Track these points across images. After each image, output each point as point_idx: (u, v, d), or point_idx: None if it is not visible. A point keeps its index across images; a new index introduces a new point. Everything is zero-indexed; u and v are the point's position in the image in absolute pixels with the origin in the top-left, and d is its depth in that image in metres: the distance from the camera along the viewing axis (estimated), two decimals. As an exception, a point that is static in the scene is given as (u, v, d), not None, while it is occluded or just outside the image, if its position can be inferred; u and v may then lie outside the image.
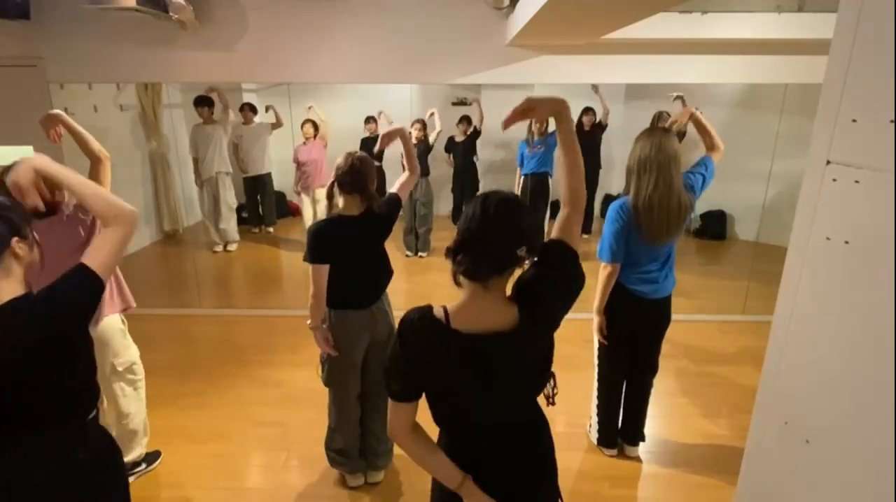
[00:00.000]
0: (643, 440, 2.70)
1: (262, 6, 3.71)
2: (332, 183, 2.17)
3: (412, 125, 5.57)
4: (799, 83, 3.96)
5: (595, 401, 2.70)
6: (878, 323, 0.93)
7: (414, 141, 5.49)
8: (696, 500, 2.45)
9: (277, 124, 5.90)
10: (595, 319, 2.45)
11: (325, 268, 2.12)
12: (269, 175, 6.33)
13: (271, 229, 6.60)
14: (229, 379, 3.40)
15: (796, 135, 4.85)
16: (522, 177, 5.46)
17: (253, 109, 6.05)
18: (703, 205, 6.46)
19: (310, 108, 5.85)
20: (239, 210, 6.73)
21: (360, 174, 2.12)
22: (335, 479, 2.52)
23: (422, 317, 1.18)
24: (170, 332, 4.13)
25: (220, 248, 5.91)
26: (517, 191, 5.50)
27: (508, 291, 1.22)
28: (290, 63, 3.84)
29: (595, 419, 2.72)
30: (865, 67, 0.94)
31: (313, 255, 2.13)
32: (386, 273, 2.35)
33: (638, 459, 2.68)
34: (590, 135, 5.95)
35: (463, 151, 6.07)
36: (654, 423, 2.99)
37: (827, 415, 1.06)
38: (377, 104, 6.65)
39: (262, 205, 6.51)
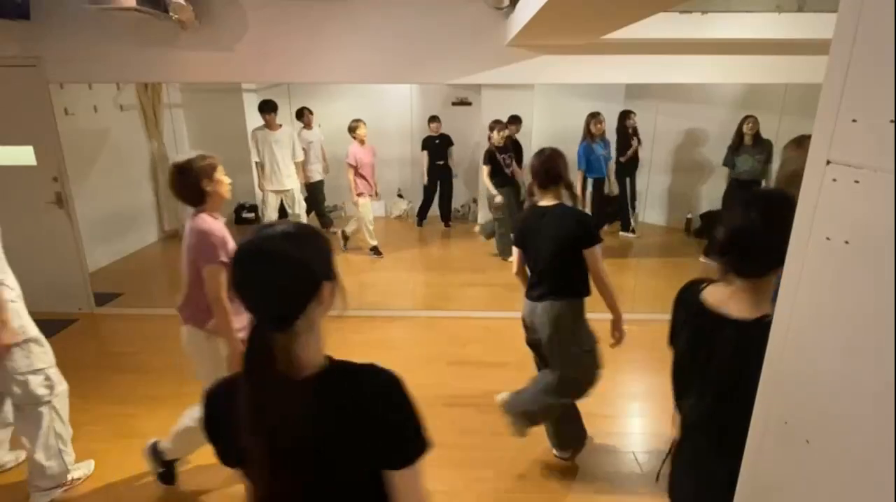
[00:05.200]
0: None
1: (262, 6, 3.71)
2: None
3: (492, 127, 5.24)
4: (799, 83, 3.96)
5: None
6: (878, 323, 0.93)
7: (500, 142, 5.20)
8: (696, 500, 2.45)
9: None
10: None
11: None
12: (321, 182, 6.21)
13: (336, 230, 6.50)
14: (229, 379, 3.40)
15: (796, 136, 4.87)
16: (592, 180, 5.41)
17: (311, 113, 5.94)
18: (703, 204, 6.46)
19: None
20: (238, 210, 6.72)
21: None
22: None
23: None
24: (170, 332, 4.12)
25: None
26: (579, 192, 5.34)
27: None
28: (290, 63, 3.84)
29: None
30: (865, 67, 0.94)
31: None
32: None
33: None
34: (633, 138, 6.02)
35: (436, 150, 6.14)
36: (654, 423, 2.99)
37: (827, 415, 1.06)
38: (377, 104, 6.67)
39: (318, 209, 6.35)
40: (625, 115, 6.07)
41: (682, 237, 6.45)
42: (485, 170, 5.32)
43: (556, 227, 2.26)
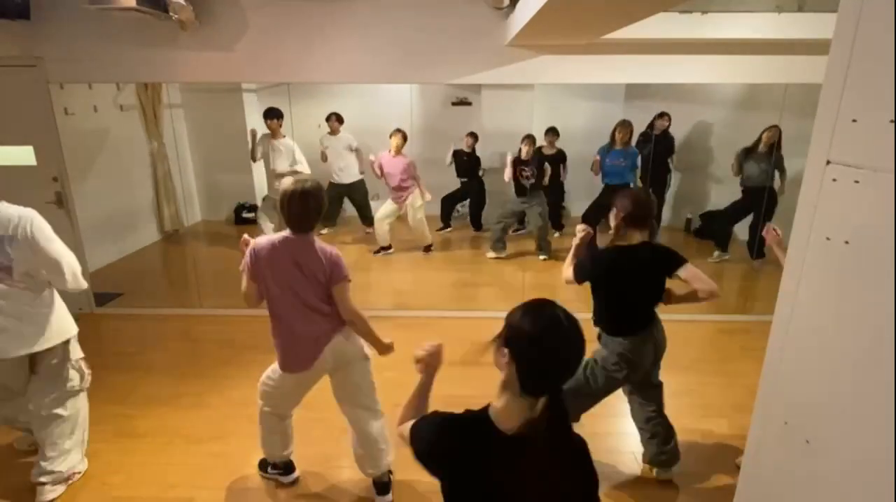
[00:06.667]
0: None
1: (262, 6, 3.71)
2: None
3: (523, 139, 5.36)
4: (799, 83, 3.96)
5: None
6: (877, 322, 0.93)
7: (526, 156, 5.33)
8: (696, 500, 2.45)
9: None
10: None
11: None
12: (361, 181, 6.19)
13: (370, 230, 6.35)
14: (229, 379, 3.40)
15: (796, 136, 4.86)
16: (604, 186, 5.38)
17: (339, 119, 5.94)
18: (703, 205, 6.46)
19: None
20: (238, 210, 6.70)
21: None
22: (337, 479, 2.52)
23: None
24: (170, 332, 4.13)
25: None
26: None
27: None
28: (291, 63, 3.84)
29: None
30: (865, 67, 0.94)
31: None
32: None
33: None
34: (660, 140, 5.87)
35: (461, 166, 6.16)
36: (654, 423, 2.99)
37: (827, 415, 1.05)
38: (377, 104, 6.65)
39: (359, 208, 6.34)
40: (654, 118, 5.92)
41: (682, 236, 6.44)
42: (507, 171, 5.49)
43: (655, 261, 2.31)
